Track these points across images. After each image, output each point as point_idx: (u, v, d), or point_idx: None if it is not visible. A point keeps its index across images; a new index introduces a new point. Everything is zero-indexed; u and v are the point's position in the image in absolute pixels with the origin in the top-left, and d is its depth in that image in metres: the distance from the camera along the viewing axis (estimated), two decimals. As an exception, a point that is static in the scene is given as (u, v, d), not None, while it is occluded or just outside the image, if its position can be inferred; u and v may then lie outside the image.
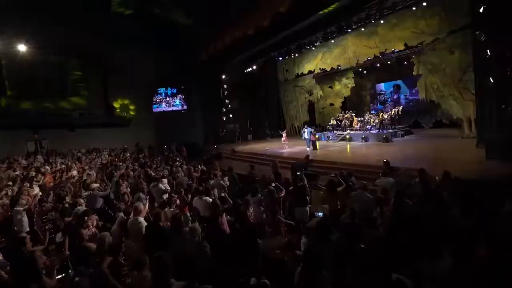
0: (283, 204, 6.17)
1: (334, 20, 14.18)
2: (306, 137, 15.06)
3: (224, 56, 19.61)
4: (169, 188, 7.39)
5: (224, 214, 5.32)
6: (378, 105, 19.70)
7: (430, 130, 17.59)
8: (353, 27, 14.27)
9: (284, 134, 17.25)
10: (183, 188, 7.06)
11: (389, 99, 19.69)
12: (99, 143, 20.31)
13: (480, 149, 10.36)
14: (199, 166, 9.96)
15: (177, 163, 10.68)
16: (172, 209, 5.43)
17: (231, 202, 5.94)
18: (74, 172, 9.93)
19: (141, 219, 4.66)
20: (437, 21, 13.34)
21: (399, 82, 19.44)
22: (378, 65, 18.78)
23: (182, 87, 23.53)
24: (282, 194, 6.01)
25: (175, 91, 23.68)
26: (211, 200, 5.81)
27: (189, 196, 6.77)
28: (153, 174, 9.87)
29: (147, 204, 5.37)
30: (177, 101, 23.66)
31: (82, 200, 5.41)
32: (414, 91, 18.49)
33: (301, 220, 6.13)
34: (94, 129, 21.26)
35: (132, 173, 10.27)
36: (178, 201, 6.25)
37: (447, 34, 13.18)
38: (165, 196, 7.17)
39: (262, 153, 15.74)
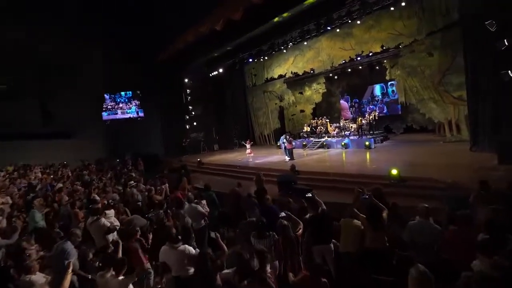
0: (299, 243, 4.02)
1: (313, 16, 12.65)
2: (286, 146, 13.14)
3: (187, 57, 17.16)
4: (118, 224, 4.83)
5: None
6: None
7: (401, 135, 16.98)
8: (333, 25, 12.89)
9: (248, 146, 14.75)
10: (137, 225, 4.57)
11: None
12: (34, 158, 16.38)
13: (477, 153, 9.43)
14: (162, 186, 7.38)
15: (132, 182, 7.96)
16: (121, 278, 2.95)
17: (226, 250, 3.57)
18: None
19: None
20: (415, 22, 12.57)
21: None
22: (350, 70, 17.85)
23: (138, 91, 20.40)
24: (300, 231, 3.88)
25: (130, 95, 20.44)
26: (193, 251, 3.45)
27: (150, 237, 4.34)
28: (97, 198, 7.10)
29: (70, 272, 2.85)
30: (132, 108, 20.45)
31: None
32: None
33: (323, 263, 4.06)
34: (27, 141, 17.20)
35: (67, 198, 7.37)
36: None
37: (426, 36, 12.41)
38: (112, 237, 4.64)
39: (234, 164, 13.49)
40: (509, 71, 6.75)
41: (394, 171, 7.53)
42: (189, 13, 15.46)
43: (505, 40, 6.73)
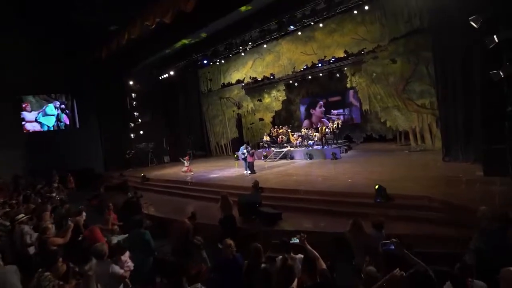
0: None
1: (275, 14, 11.23)
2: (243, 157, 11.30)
3: (132, 55, 14.58)
4: None
5: None
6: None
7: (362, 144, 16.35)
8: (295, 27, 11.66)
9: (186, 163, 12.16)
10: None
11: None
12: None
13: (451, 163, 8.63)
14: (69, 221, 4.89)
15: (21, 215, 5.27)
16: None
17: None
18: None
19: None
20: (378, 27, 11.89)
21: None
22: (310, 77, 16.89)
23: (71, 95, 17.00)
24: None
25: (61, 100, 16.94)
26: None
27: None
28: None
29: None
30: (61, 114, 16.94)
31: None
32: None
33: None
34: None
35: None
36: None
37: (389, 42, 11.78)
38: None
39: (185, 180, 11.23)
40: (500, 71, 5.89)
41: (379, 187, 6.11)
42: (133, 3, 12.97)
43: (494, 36, 5.86)
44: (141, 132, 17.74)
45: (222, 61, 16.37)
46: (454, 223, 5.02)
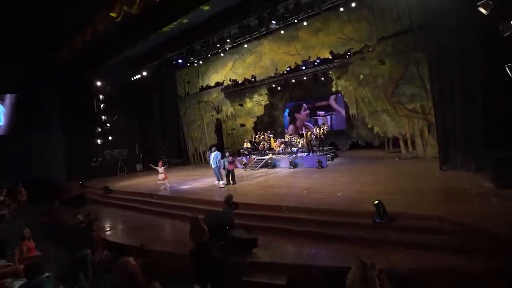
0: None
1: (255, 8, 10.07)
2: (213, 165, 9.82)
3: (98, 52, 12.99)
4: None
5: None
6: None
7: (348, 152, 15.39)
8: (277, 25, 10.57)
9: (161, 170, 10.29)
10: None
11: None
12: None
13: (449, 172, 7.64)
14: None
15: None
16: None
17: None
18: None
19: None
20: (365, 26, 11.02)
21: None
22: (293, 81, 15.87)
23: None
24: None
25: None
26: None
27: None
28: None
29: None
30: (4, 116, 14.87)
31: None
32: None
33: None
34: None
35: None
36: None
37: (377, 42, 10.90)
38: None
39: (151, 193, 9.67)
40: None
41: (378, 204, 4.92)
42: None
43: (511, 22, 4.94)
44: (110, 137, 15.95)
45: (200, 62, 15.06)
46: (475, 251, 3.89)
